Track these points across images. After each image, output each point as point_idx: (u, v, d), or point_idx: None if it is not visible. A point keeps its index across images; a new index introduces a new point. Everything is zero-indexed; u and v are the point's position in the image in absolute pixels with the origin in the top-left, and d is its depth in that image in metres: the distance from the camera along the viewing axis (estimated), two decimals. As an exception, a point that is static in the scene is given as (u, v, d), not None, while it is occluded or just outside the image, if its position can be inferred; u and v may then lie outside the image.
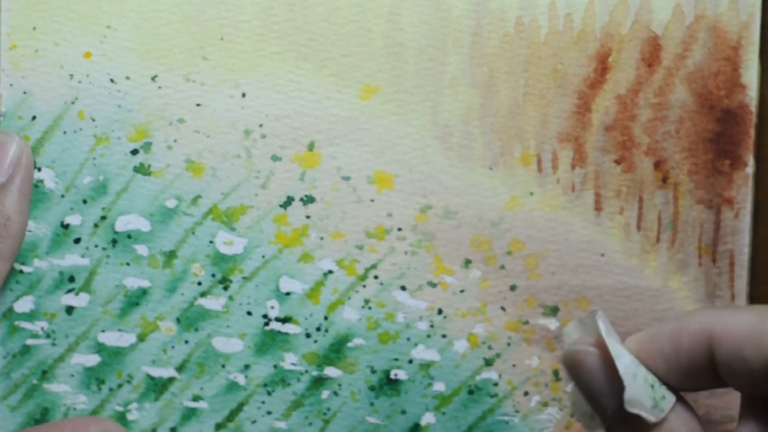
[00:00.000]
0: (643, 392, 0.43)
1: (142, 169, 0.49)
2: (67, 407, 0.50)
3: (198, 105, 0.49)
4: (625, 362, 0.42)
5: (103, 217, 0.49)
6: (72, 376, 0.50)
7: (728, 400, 0.50)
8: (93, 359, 0.50)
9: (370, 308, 0.50)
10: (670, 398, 0.43)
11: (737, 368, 0.41)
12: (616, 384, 0.43)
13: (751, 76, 0.49)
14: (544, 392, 0.50)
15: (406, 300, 0.50)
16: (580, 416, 0.45)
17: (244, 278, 0.50)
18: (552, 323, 0.50)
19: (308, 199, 0.50)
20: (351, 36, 0.49)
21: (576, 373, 0.44)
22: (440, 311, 0.50)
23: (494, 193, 0.50)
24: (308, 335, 0.50)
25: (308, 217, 0.50)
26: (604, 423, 0.44)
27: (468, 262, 0.50)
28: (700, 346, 0.42)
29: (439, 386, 0.50)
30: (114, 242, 0.49)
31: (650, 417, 0.42)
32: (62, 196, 0.49)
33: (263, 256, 0.50)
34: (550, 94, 0.49)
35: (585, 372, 0.43)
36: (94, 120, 0.49)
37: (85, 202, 0.49)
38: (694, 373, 0.42)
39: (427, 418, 0.50)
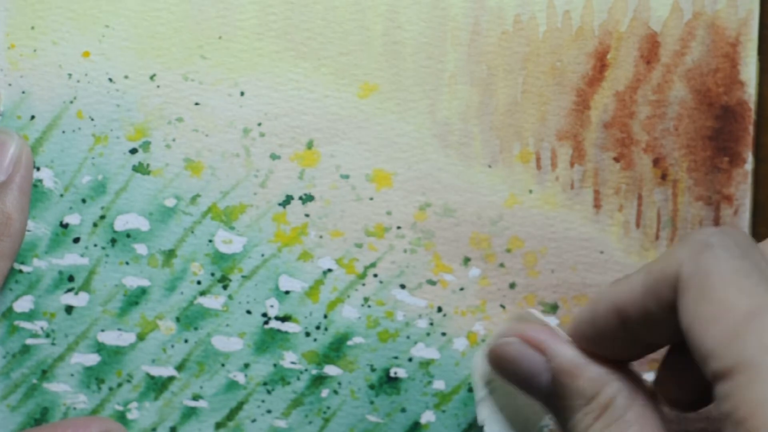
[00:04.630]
0: None
1: (141, 169, 0.49)
2: (67, 407, 0.50)
3: (197, 104, 0.49)
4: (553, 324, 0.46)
5: (102, 217, 0.49)
6: (72, 375, 0.50)
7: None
8: (93, 359, 0.50)
9: (369, 306, 0.50)
10: None
11: (644, 320, 0.42)
12: (544, 361, 0.44)
13: (749, 72, 0.49)
14: (543, 390, 0.50)
15: (405, 298, 0.50)
16: None
17: (243, 277, 0.50)
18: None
19: (307, 198, 0.50)
20: (349, 34, 0.49)
21: (504, 365, 0.45)
22: (440, 309, 0.50)
23: (493, 191, 0.50)
24: (308, 334, 0.50)
25: (307, 215, 0.50)
26: (545, 402, 0.45)
27: (467, 260, 0.50)
28: (610, 307, 0.43)
29: (439, 384, 0.50)
30: (113, 241, 0.49)
31: None
32: (61, 195, 0.49)
33: (262, 255, 0.50)
34: (548, 91, 0.49)
35: (512, 359, 0.45)
36: (92, 119, 0.49)
37: (84, 201, 0.49)
38: (610, 333, 0.43)
39: (427, 416, 0.50)
